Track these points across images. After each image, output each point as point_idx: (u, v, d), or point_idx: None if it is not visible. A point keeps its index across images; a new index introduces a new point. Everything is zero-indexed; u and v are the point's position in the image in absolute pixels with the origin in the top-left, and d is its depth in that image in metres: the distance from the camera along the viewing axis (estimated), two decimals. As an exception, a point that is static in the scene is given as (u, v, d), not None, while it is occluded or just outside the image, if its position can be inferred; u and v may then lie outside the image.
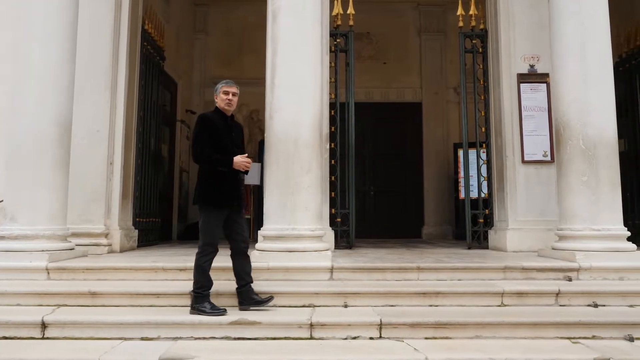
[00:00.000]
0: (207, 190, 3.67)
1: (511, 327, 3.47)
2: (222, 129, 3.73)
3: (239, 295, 3.74)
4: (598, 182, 4.50)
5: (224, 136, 3.72)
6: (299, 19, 4.60)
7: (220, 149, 3.67)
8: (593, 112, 4.58)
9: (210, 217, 3.64)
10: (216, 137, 3.68)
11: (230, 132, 3.77)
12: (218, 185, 3.65)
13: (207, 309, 3.53)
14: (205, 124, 3.73)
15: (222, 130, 3.72)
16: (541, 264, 4.37)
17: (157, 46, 7.06)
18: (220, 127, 3.72)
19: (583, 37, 4.66)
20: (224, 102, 3.76)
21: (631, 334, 3.46)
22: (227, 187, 3.67)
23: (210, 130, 3.69)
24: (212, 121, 3.74)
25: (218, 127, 3.71)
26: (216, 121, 3.74)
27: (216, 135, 3.68)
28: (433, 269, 4.27)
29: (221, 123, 3.75)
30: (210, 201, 3.65)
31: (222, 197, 3.65)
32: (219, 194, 3.64)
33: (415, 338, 3.42)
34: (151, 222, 6.80)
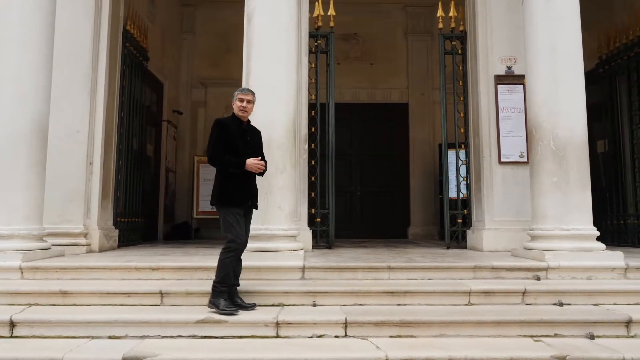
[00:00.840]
0: (223, 190, 3.78)
1: (475, 325, 3.51)
2: (236, 134, 3.83)
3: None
4: (568, 183, 4.56)
5: (237, 140, 3.82)
6: (272, 20, 4.64)
7: (233, 152, 3.77)
8: (563, 114, 4.64)
9: (228, 215, 3.73)
10: (230, 141, 3.78)
11: (245, 136, 3.88)
12: (234, 185, 3.76)
13: (220, 305, 3.59)
14: (220, 128, 3.84)
15: (236, 135, 3.83)
16: (510, 263, 4.43)
17: (140, 47, 7.09)
18: (234, 132, 3.82)
19: (553, 39, 4.72)
20: (238, 108, 3.89)
21: (592, 332, 3.51)
22: (242, 186, 3.79)
23: (225, 134, 3.80)
24: (226, 126, 3.85)
25: (232, 131, 3.82)
26: (231, 126, 3.86)
27: (230, 139, 3.78)
28: (404, 269, 4.32)
29: (236, 128, 3.86)
30: (226, 200, 3.75)
31: (238, 195, 3.77)
32: (235, 192, 3.76)
33: (380, 336, 3.46)
34: (133, 222, 6.82)
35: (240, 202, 3.78)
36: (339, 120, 10.36)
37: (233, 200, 3.76)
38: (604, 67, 7.39)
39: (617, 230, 7.01)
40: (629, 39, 6.83)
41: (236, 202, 3.76)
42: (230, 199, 3.75)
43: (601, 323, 3.55)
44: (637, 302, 3.94)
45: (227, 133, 3.79)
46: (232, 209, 3.74)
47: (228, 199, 3.76)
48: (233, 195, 3.76)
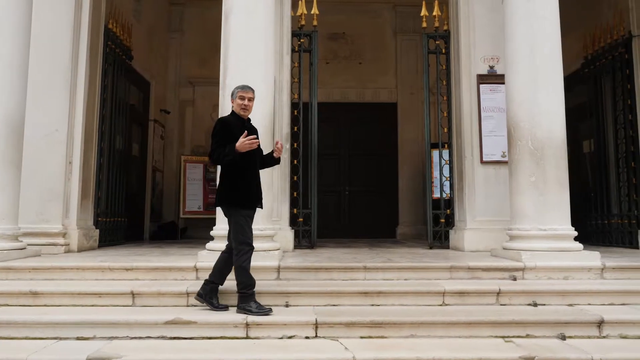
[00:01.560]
0: (233, 192, 3.71)
1: (446, 326, 3.49)
2: (239, 132, 3.75)
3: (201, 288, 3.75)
4: (546, 183, 4.55)
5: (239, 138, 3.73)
6: (249, 19, 4.61)
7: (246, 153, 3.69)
8: (542, 114, 4.62)
9: (240, 218, 3.67)
10: (233, 140, 3.70)
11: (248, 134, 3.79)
12: (243, 186, 3.71)
13: (253, 309, 3.55)
14: (222, 127, 3.78)
15: (238, 134, 3.74)
16: (486, 263, 4.41)
17: (123, 45, 7.05)
18: (236, 130, 3.75)
19: (532, 39, 4.70)
20: (239, 107, 3.81)
21: (564, 332, 3.50)
22: (251, 187, 3.75)
23: (226, 132, 3.74)
24: (228, 124, 3.79)
25: (234, 130, 3.75)
26: (234, 125, 3.79)
27: (231, 138, 3.71)
28: (380, 269, 4.29)
29: (238, 127, 3.79)
30: (239, 202, 3.69)
31: (249, 197, 3.72)
32: (246, 194, 3.71)
33: (351, 337, 3.44)
34: (116, 221, 6.78)
35: (254, 205, 3.75)
36: (327, 120, 10.46)
37: (247, 202, 3.71)
38: (589, 67, 7.39)
39: (601, 230, 7.01)
40: (613, 38, 6.82)
41: (250, 205, 3.72)
42: (243, 202, 3.70)
43: (573, 323, 3.53)
44: (612, 303, 3.93)
45: (230, 133, 3.72)
46: (244, 212, 3.68)
47: (241, 201, 3.69)
48: (246, 198, 3.70)
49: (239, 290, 3.65)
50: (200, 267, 4.25)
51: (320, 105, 10.20)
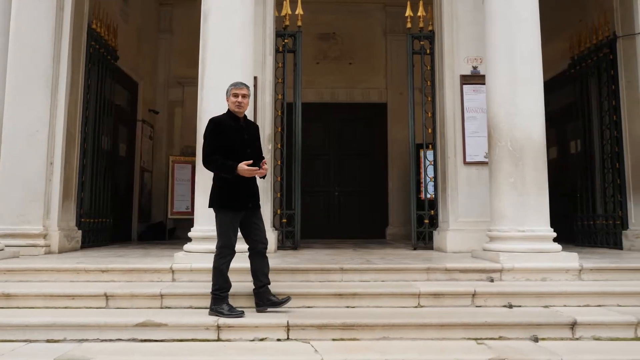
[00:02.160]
0: (220, 193, 3.64)
1: (419, 328, 3.47)
2: (232, 132, 3.67)
3: (256, 296, 3.71)
4: (524, 184, 4.53)
5: (234, 139, 3.66)
6: (227, 20, 4.59)
7: (230, 153, 3.61)
8: (521, 115, 4.61)
9: (225, 220, 3.61)
10: (225, 141, 3.63)
11: (242, 134, 3.71)
12: (231, 188, 3.60)
13: (224, 311, 3.52)
14: (214, 127, 3.68)
15: (232, 133, 3.66)
16: (464, 265, 4.39)
17: (108, 45, 7.03)
18: (230, 130, 3.66)
19: (511, 40, 4.69)
20: (234, 104, 3.70)
21: (537, 334, 3.49)
22: (241, 189, 3.63)
23: (218, 133, 3.64)
24: (221, 125, 3.68)
25: (227, 130, 3.65)
26: (226, 124, 3.68)
27: (225, 139, 3.63)
28: (357, 270, 4.28)
29: (232, 126, 3.69)
30: (224, 204, 3.62)
31: (236, 200, 3.62)
32: (233, 196, 3.61)
33: (323, 339, 3.42)
34: (100, 222, 6.76)
35: (240, 207, 3.64)
36: (317, 120, 10.47)
37: (231, 204, 3.62)
38: (575, 67, 7.38)
39: (587, 230, 7.00)
40: (599, 39, 6.81)
41: (236, 206, 3.62)
42: (227, 203, 3.61)
43: (546, 325, 3.52)
44: (588, 304, 3.92)
45: (222, 133, 3.64)
46: (229, 214, 3.61)
47: (225, 203, 3.62)
48: (231, 199, 3.61)
49: (213, 291, 3.63)
50: (176, 269, 4.24)
51: (311, 106, 10.31)
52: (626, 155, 6.26)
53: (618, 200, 6.41)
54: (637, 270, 4.33)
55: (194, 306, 3.83)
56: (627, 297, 3.94)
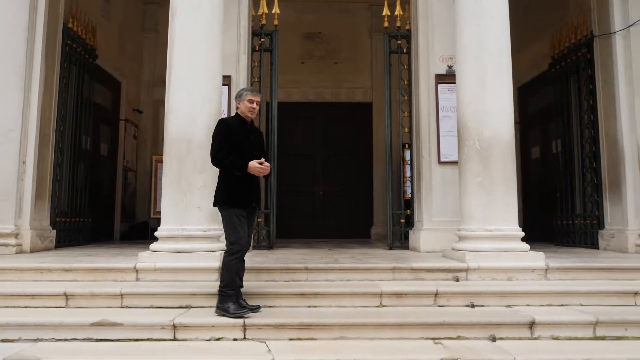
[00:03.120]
0: (227, 192, 3.68)
1: (377, 328, 3.46)
2: (241, 133, 3.75)
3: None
4: (492, 183, 4.52)
5: (242, 140, 3.74)
6: (194, 18, 4.57)
7: (237, 153, 3.67)
8: (489, 113, 4.59)
9: (232, 217, 3.64)
10: (234, 141, 3.69)
11: (249, 136, 3.80)
12: (237, 186, 3.67)
13: (230, 310, 3.51)
14: (224, 128, 3.75)
15: (240, 135, 3.75)
16: (430, 264, 4.38)
17: (86, 44, 7.00)
18: (239, 132, 3.74)
19: (480, 38, 4.68)
20: (248, 109, 3.79)
21: (495, 334, 3.47)
22: (245, 187, 3.69)
23: (229, 134, 3.70)
24: (231, 126, 3.76)
25: (236, 131, 3.73)
26: (235, 126, 3.77)
27: (234, 140, 3.69)
28: (322, 270, 4.26)
29: (240, 128, 3.77)
30: (230, 202, 3.66)
31: (242, 197, 3.68)
32: (238, 193, 3.67)
33: (280, 339, 3.41)
34: (77, 222, 6.73)
35: (245, 204, 3.70)
36: (302, 120, 10.47)
37: (238, 201, 3.66)
38: (555, 67, 7.37)
39: (566, 230, 7.00)
40: (577, 38, 6.80)
41: (241, 204, 3.67)
42: (234, 201, 3.66)
43: (505, 325, 3.50)
44: (550, 304, 3.91)
45: (232, 133, 3.70)
46: (236, 211, 3.65)
47: (232, 200, 3.66)
48: (237, 197, 3.66)
49: (220, 288, 3.60)
50: (140, 269, 4.22)
51: (295, 105, 10.34)
52: (602, 154, 6.24)
53: (595, 200, 6.40)
54: (602, 269, 4.32)
55: (154, 305, 3.81)
56: (590, 297, 3.93)
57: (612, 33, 6.05)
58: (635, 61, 5.84)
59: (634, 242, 5.68)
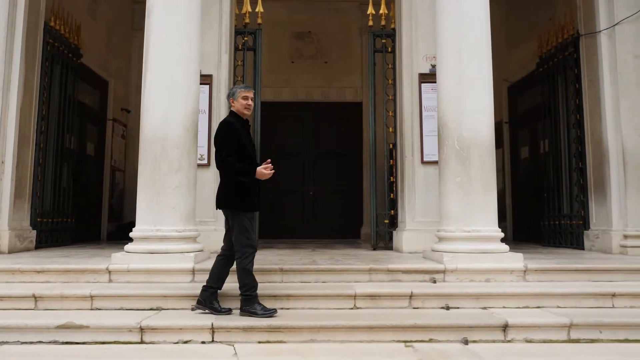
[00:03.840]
0: (238, 196, 3.63)
1: (347, 330, 3.40)
2: (244, 134, 3.71)
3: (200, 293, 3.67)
4: (470, 184, 4.46)
5: (247, 143, 3.70)
6: (170, 16, 4.52)
7: (245, 157, 3.64)
8: (468, 113, 4.54)
9: (244, 221, 3.61)
10: (241, 144, 3.64)
11: (250, 137, 3.77)
12: (247, 189, 3.64)
13: (258, 311, 3.51)
14: (231, 130, 3.67)
15: (245, 137, 3.70)
16: (407, 265, 4.33)
17: (69, 43, 6.94)
18: (242, 133, 3.69)
19: (459, 37, 4.62)
20: (243, 106, 3.73)
21: (468, 337, 3.42)
22: (254, 190, 3.68)
23: (236, 137, 3.64)
24: (235, 127, 3.68)
25: (241, 133, 3.68)
26: (239, 127, 3.70)
27: (239, 142, 3.64)
28: (297, 271, 4.22)
29: (243, 129, 3.72)
30: (243, 205, 3.63)
31: (253, 200, 3.67)
32: (250, 197, 3.65)
33: (249, 342, 3.36)
34: (60, 222, 6.67)
35: (256, 207, 3.70)
36: (292, 119, 10.42)
37: (252, 205, 3.65)
38: (543, 66, 7.31)
39: (553, 230, 6.94)
40: (564, 37, 6.74)
41: (253, 207, 3.67)
42: (248, 205, 3.63)
43: (478, 327, 3.45)
44: (527, 306, 3.86)
45: (238, 136, 3.64)
46: (249, 214, 3.63)
47: (246, 204, 3.63)
48: (250, 201, 3.64)
49: (243, 292, 3.59)
50: (113, 270, 4.17)
51: (285, 105, 10.29)
52: (588, 154, 6.19)
53: (581, 200, 6.35)
54: (581, 271, 4.27)
55: (125, 307, 3.76)
56: (567, 299, 3.88)
57: (597, 32, 5.99)
58: (620, 60, 5.79)
59: (618, 242, 5.63)
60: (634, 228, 5.58)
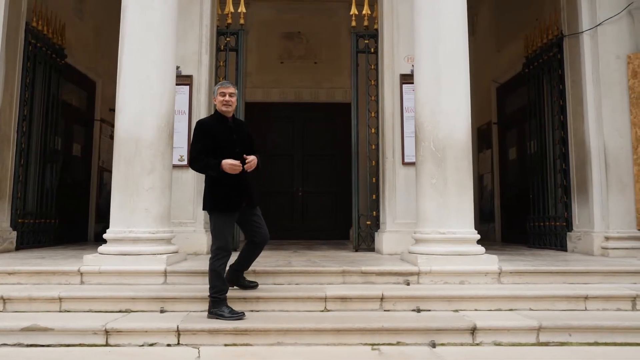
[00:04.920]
0: (213, 195, 3.61)
1: (315, 333, 3.38)
2: (219, 133, 3.62)
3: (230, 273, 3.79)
4: (446, 185, 4.44)
5: (222, 139, 3.62)
6: (145, 16, 4.51)
7: (219, 153, 3.55)
8: (444, 114, 4.51)
9: (219, 221, 3.59)
10: (212, 142, 3.58)
11: (231, 134, 3.66)
12: (224, 189, 3.58)
13: (225, 313, 3.48)
14: (200, 129, 3.64)
15: (218, 134, 3.62)
16: (380, 267, 4.30)
17: (53, 44, 6.92)
18: (218, 130, 3.62)
19: (436, 38, 4.60)
20: (221, 103, 3.68)
21: (436, 340, 3.40)
22: (233, 189, 3.60)
23: (204, 135, 3.59)
24: (207, 126, 3.64)
25: (214, 130, 3.61)
26: (213, 125, 3.65)
27: (211, 141, 3.58)
28: (270, 273, 4.19)
29: (219, 126, 3.64)
30: (218, 206, 3.59)
31: (230, 201, 3.59)
32: (226, 198, 3.58)
33: (214, 345, 3.34)
34: (42, 222, 6.65)
35: (233, 207, 3.62)
36: (282, 120, 10.40)
37: (226, 205, 3.59)
38: (529, 67, 7.28)
39: (538, 232, 6.91)
40: (549, 38, 6.71)
41: (230, 207, 3.60)
42: (222, 205, 3.58)
43: (447, 330, 3.42)
44: (499, 308, 3.83)
45: (207, 135, 3.58)
46: (223, 215, 3.59)
47: (220, 204, 3.58)
48: (225, 201, 3.58)
49: (211, 294, 3.56)
50: (84, 271, 4.14)
51: (275, 105, 10.28)
52: (571, 156, 6.16)
53: (564, 201, 6.32)
54: (556, 273, 4.24)
55: (93, 310, 3.74)
56: (540, 301, 3.85)
57: (579, 33, 5.97)
58: (603, 62, 5.76)
59: (599, 244, 5.60)
60: (615, 230, 5.55)
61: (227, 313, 3.49)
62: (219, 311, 3.51)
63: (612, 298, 3.84)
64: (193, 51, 5.80)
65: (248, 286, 3.90)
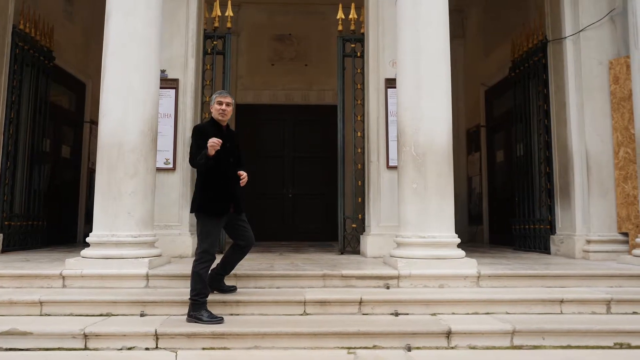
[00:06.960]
0: (202, 199, 3.69)
1: (292, 337, 3.42)
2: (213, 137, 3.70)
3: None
4: (426, 190, 4.48)
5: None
6: (128, 21, 4.52)
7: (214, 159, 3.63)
8: (425, 119, 4.56)
9: (206, 225, 3.67)
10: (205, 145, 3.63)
11: (225, 142, 3.75)
12: (213, 193, 3.68)
13: (204, 317, 3.51)
14: (198, 132, 3.76)
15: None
16: (361, 271, 4.35)
17: (41, 47, 6.93)
18: (213, 136, 3.68)
19: (418, 42, 4.64)
20: (217, 112, 3.80)
21: (412, 343, 3.44)
22: (222, 194, 3.70)
23: (202, 137, 3.67)
24: (204, 131, 3.74)
25: (210, 135, 3.68)
26: (209, 131, 3.74)
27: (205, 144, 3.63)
28: (251, 277, 4.23)
29: (214, 133, 3.73)
30: (205, 209, 3.67)
31: (218, 205, 3.69)
32: (214, 202, 3.67)
33: (192, 349, 3.37)
34: (30, 225, 6.66)
35: (221, 212, 3.71)
36: (272, 122, 10.43)
37: (213, 210, 3.67)
38: (515, 71, 7.34)
39: (523, 234, 6.98)
40: (534, 43, 6.77)
41: (217, 212, 3.68)
42: (209, 209, 3.67)
43: (422, 334, 3.47)
44: (476, 312, 3.88)
45: (206, 137, 3.65)
46: (212, 220, 3.67)
47: (207, 208, 3.67)
48: (212, 205, 3.67)
49: (192, 297, 3.60)
50: (66, 275, 4.17)
51: (265, 107, 10.31)
52: (554, 159, 6.23)
53: (548, 205, 6.38)
54: (533, 277, 4.30)
55: (74, 313, 3.76)
56: (516, 305, 3.90)
57: (563, 38, 6.03)
58: (585, 67, 5.82)
59: (581, 247, 5.67)
60: (597, 233, 5.62)
61: (206, 317, 3.53)
62: (198, 315, 3.55)
63: (587, 302, 3.90)
64: (179, 54, 5.83)
65: (227, 290, 3.95)
